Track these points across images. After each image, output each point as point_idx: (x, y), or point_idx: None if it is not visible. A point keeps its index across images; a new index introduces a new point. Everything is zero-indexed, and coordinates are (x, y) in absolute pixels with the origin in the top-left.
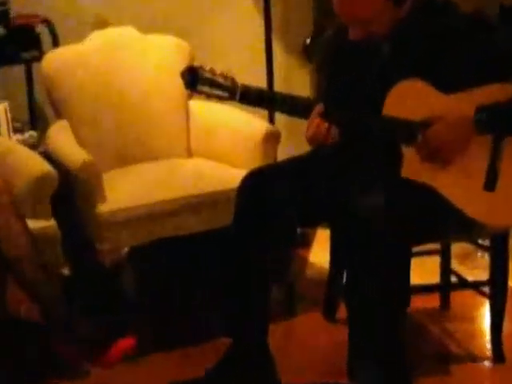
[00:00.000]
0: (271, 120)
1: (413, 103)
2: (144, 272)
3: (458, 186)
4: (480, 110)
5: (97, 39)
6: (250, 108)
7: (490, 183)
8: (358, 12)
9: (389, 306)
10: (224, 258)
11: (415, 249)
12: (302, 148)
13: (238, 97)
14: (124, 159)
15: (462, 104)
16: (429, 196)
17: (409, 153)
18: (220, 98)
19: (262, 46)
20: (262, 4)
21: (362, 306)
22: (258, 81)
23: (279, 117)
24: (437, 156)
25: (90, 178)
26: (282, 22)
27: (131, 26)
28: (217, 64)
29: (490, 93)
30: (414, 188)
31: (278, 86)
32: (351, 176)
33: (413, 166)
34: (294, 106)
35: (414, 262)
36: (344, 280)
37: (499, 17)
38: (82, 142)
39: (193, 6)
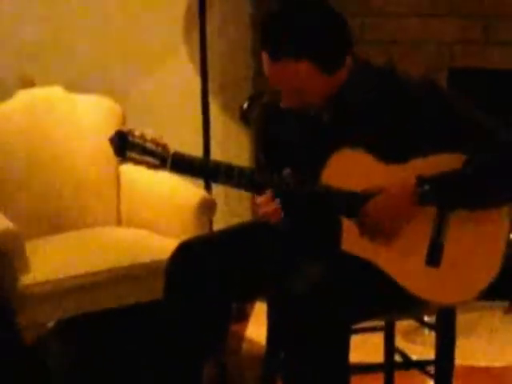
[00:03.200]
0: (208, 188)
1: (352, 173)
2: (72, 347)
3: (400, 262)
4: (422, 180)
5: (21, 99)
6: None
7: (434, 259)
8: (286, 81)
9: None
10: (154, 334)
11: (358, 325)
12: (240, 217)
13: (169, 165)
14: (51, 227)
15: (404, 175)
16: (370, 271)
17: (349, 225)
18: (150, 166)
19: (198, 107)
20: (199, 66)
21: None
22: (194, 146)
23: (216, 185)
24: (376, 230)
25: (11, 248)
26: (220, 83)
27: (59, 85)
28: (150, 126)
29: (436, 163)
30: (354, 262)
31: (215, 152)
32: (288, 249)
33: (353, 239)
34: (229, 176)
35: (357, 340)
36: (282, 357)
37: (448, 80)
38: (9, 207)
39: (126, 66)
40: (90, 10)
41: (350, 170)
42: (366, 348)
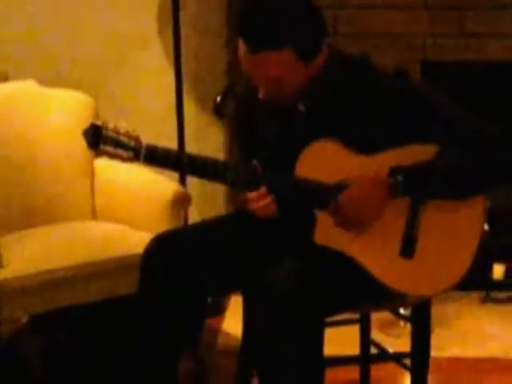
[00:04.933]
0: (182, 181)
1: (325, 165)
2: (46, 343)
3: (375, 253)
4: (394, 171)
5: None
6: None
7: (407, 249)
8: (267, 72)
9: (301, 380)
10: (129, 328)
11: (333, 318)
12: (215, 211)
13: (142, 158)
14: (24, 221)
15: (377, 166)
16: (344, 263)
17: (322, 217)
18: (123, 159)
19: (172, 101)
20: (172, 58)
21: (273, 381)
22: (168, 139)
23: (192, 178)
24: (350, 222)
25: None
26: (194, 76)
27: (32, 79)
28: (124, 120)
29: (408, 154)
30: (329, 255)
31: (189, 145)
32: (264, 243)
33: (327, 231)
34: (202, 169)
35: (332, 332)
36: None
37: (421, 72)
38: None
39: (99, 59)
40: (63, 3)
41: (324, 161)
42: (341, 340)
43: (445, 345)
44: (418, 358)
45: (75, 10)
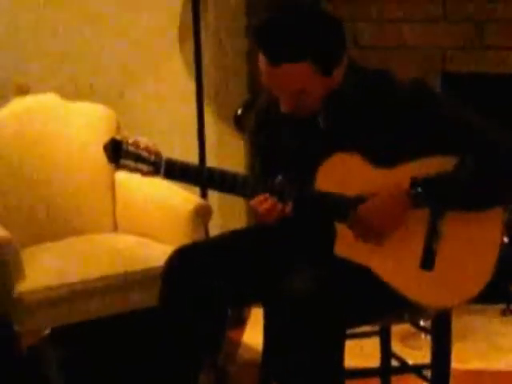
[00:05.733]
0: (203, 194)
1: (345, 178)
2: (67, 356)
3: (394, 266)
4: (415, 182)
5: (15, 106)
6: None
7: (428, 261)
8: (287, 85)
9: None
10: (150, 341)
11: (354, 330)
12: (236, 223)
13: (162, 172)
14: (47, 233)
15: (397, 178)
16: (364, 276)
17: (342, 230)
18: (144, 173)
19: (193, 114)
20: (193, 71)
21: None
22: (189, 153)
23: (213, 191)
24: (370, 233)
25: (6, 256)
26: (215, 89)
27: (53, 93)
28: (144, 133)
29: (428, 165)
30: (349, 267)
31: (210, 159)
32: (283, 255)
33: (346, 244)
34: (222, 182)
35: (353, 344)
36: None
37: (441, 84)
38: (3, 215)
39: (121, 73)
40: (84, 17)
41: (343, 174)
42: (362, 353)
43: (465, 357)
44: (439, 370)
45: (96, 24)
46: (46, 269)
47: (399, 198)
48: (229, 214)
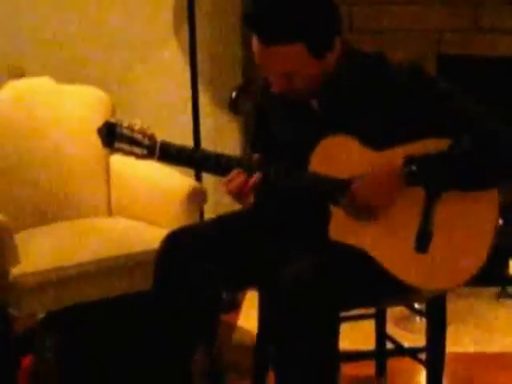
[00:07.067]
0: (198, 177)
1: (339, 160)
2: (60, 339)
3: (389, 248)
4: (409, 160)
5: (10, 89)
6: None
7: (422, 244)
8: (279, 66)
9: (315, 375)
10: (145, 324)
11: (348, 312)
12: (231, 207)
13: (156, 155)
14: (41, 217)
15: (393, 159)
16: (359, 258)
17: (337, 213)
18: (138, 157)
19: (188, 98)
20: (188, 56)
21: (290, 376)
22: (184, 136)
23: (207, 174)
24: (363, 209)
25: (1, 239)
26: (209, 73)
27: (48, 76)
28: (140, 117)
29: (422, 147)
30: (343, 250)
31: (205, 142)
32: (278, 240)
33: (341, 227)
34: (216, 165)
35: (348, 327)
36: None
37: (436, 67)
38: None
39: (114, 55)
40: (79, 3)
41: (338, 156)
42: (356, 335)
43: (460, 340)
44: (434, 353)
45: (91, 10)
46: (40, 253)
47: (392, 174)
48: (223, 198)
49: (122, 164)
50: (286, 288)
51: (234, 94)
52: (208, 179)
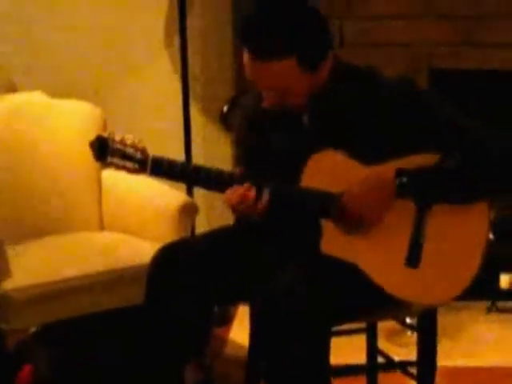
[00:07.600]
0: (190, 192)
1: (330, 175)
2: (53, 353)
3: (380, 262)
4: (400, 172)
5: (2, 104)
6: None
7: (413, 259)
8: (270, 81)
9: None
10: (137, 338)
11: (340, 327)
12: (222, 221)
13: (148, 169)
14: (32, 231)
15: (382, 172)
16: (351, 273)
17: (328, 227)
18: (130, 171)
19: (179, 113)
20: (180, 69)
21: None
22: (175, 150)
23: (199, 189)
24: (354, 224)
25: None
26: (201, 87)
27: (40, 90)
28: (131, 131)
29: (413, 162)
30: (335, 264)
31: (197, 156)
32: (270, 253)
33: (332, 241)
34: (207, 179)
35: (339, 341)
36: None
37: (428, 80)
38: None
39: (107, 70)
40: (70, 15)
41: (329, 172)
42: (348, 350)
43: (451, 354)
44: (425, 367)
45: (83, 23)
46: (31, 267)
47: (384, 186)
48: (215, 212)
49: (114, 178)
50: (277, 302)
51: (225, 108)
52: (199, 194)
